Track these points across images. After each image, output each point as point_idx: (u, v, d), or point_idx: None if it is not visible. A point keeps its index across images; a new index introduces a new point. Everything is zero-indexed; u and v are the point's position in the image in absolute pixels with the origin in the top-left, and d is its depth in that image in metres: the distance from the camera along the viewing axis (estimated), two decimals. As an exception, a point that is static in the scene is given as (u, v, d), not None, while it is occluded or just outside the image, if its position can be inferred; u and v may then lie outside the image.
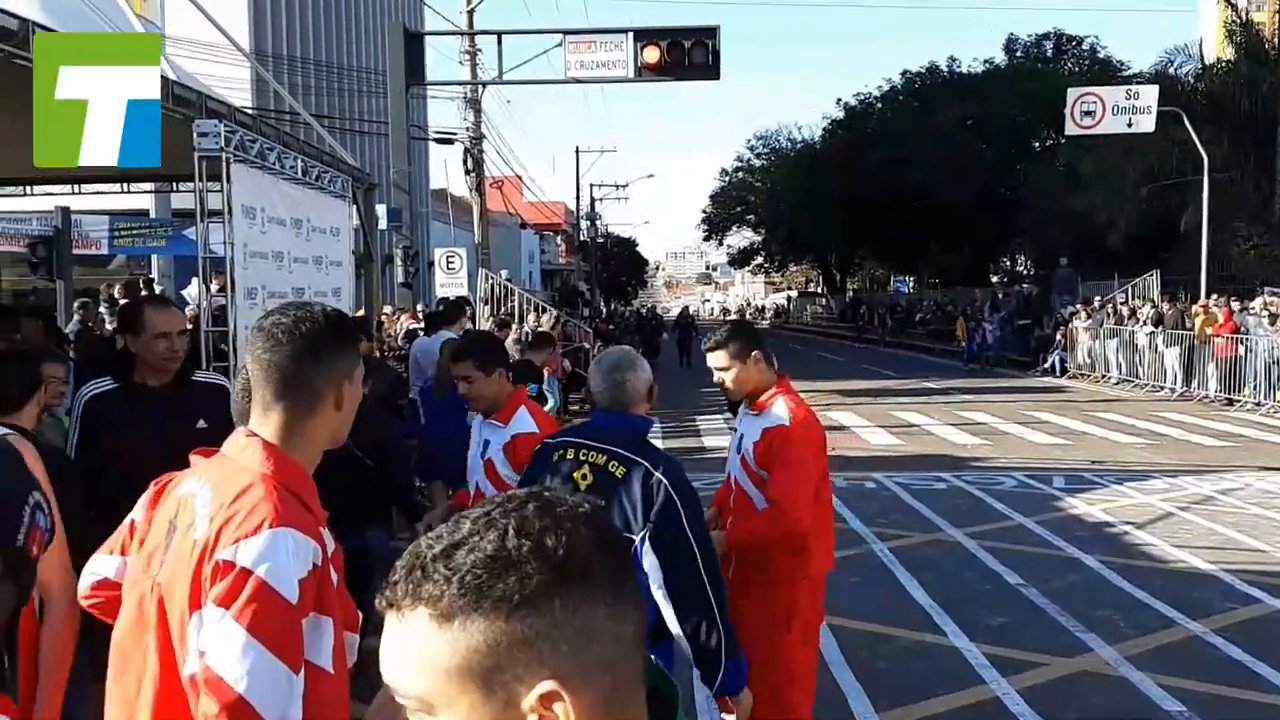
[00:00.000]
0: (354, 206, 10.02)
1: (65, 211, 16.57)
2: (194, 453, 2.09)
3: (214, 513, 1.81)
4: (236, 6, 21.56)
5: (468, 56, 22.83)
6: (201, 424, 3.57)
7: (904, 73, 50.73)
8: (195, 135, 6.60)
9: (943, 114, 43.81)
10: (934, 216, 44.46)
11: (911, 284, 57.23)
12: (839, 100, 55.34)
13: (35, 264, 17.24)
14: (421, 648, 0.89)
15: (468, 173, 24.55)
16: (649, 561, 2.98)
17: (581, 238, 58.13)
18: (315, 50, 29.43)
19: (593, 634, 0.90)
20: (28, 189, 11.99)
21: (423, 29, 25.82)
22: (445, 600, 0.88)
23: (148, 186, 13.93)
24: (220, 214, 6.90)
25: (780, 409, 3.91)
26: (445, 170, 38.78)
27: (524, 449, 3.79)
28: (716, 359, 4.00)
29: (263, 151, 7.50)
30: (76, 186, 11.79)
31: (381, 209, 12.52)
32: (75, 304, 14.20)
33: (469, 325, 10.67)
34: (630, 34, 16.81)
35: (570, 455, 3.18)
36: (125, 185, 12.30)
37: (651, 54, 16.71)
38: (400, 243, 16.08)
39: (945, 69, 49.17)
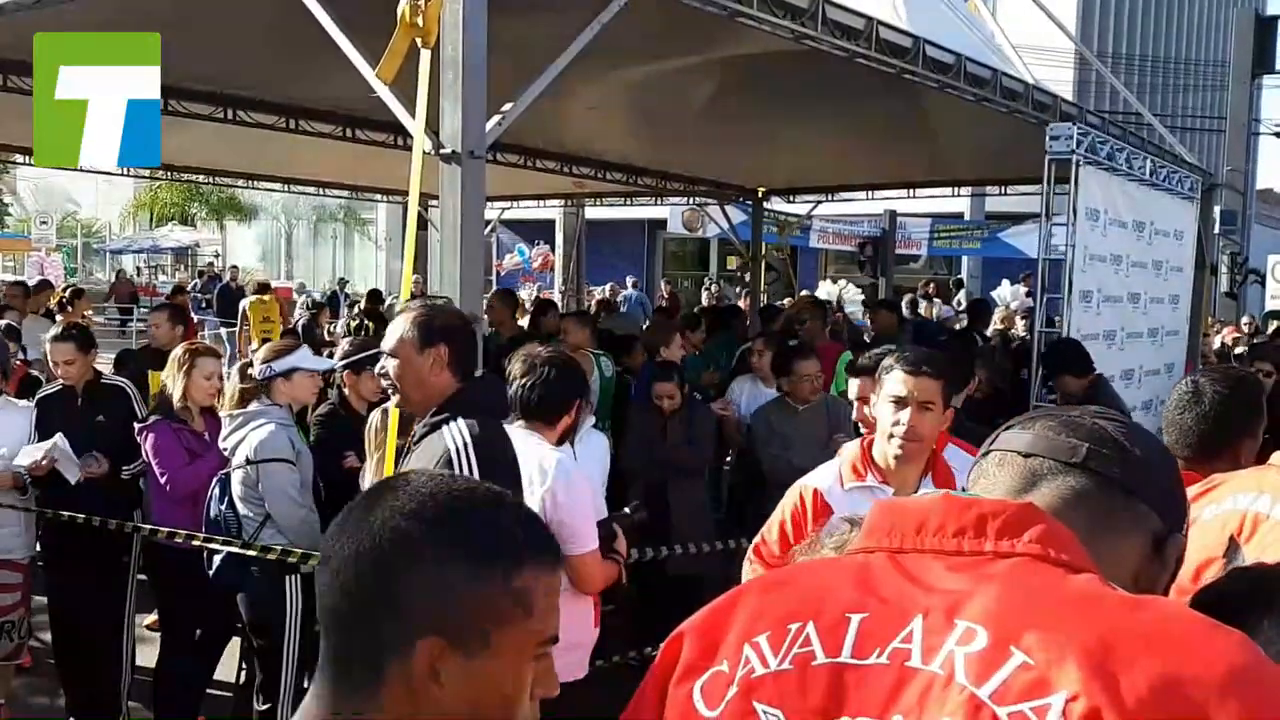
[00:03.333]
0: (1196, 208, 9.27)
1: (893, 215, 18.07)
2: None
3: None
4: (1066, 8, 21.44)
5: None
6: None
7: None
8: (1048, 139, 6.59)
9: None
10: None
11: None
12: None
13: (862, 262, 19.10)
14: None
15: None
16: None
17: None
18: (1143, 45, 28.06)
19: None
20: (869, 194, 13.21)
21: (1270, 11, 23.06)
22: None
23: (966, 191, 14.49)
24: (1061, 216, 6.84)
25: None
26: None
27: None
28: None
29: (1112, 153, 7.27)
30: (911, 191, 12.68)
31: (1215, 211, 11.41)
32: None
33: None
34: None
35: None
36: (955, 189, 12.91)
37: None
38: (1228, 248, 14.58)
39: None
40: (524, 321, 9.31)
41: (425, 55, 3.45)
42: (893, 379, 2.83)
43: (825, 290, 16.79)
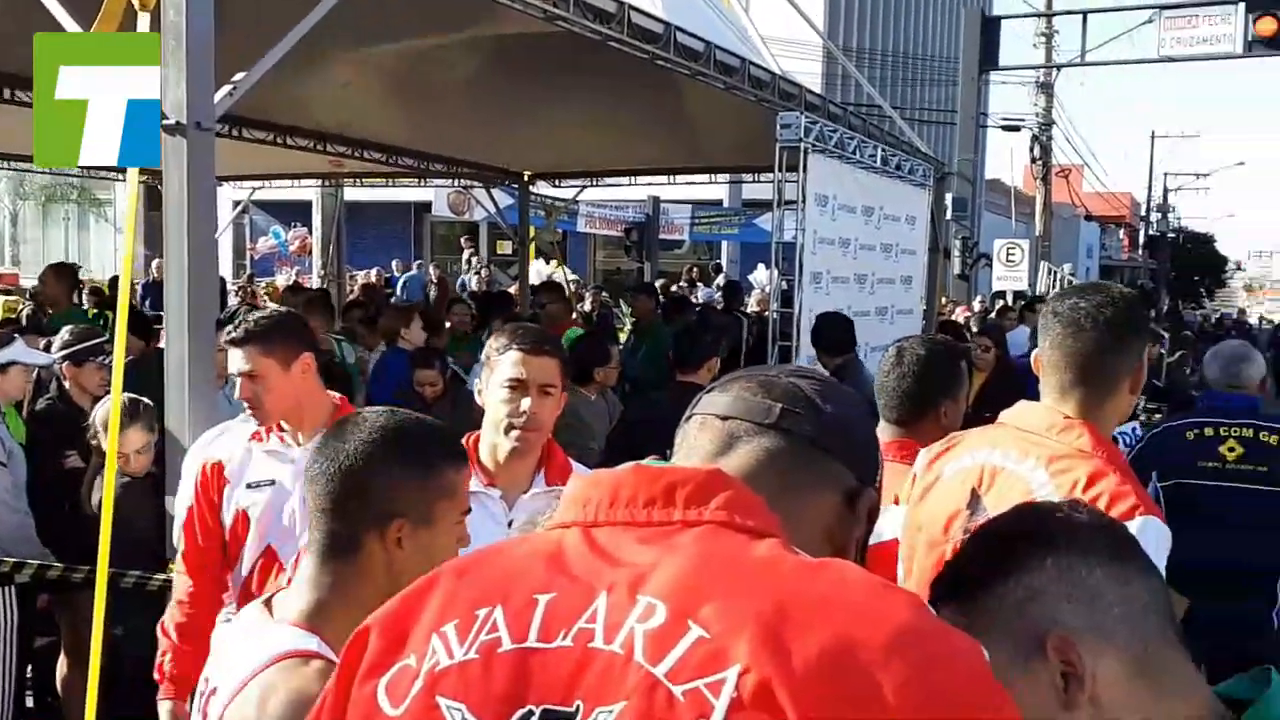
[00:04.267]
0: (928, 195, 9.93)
1: (656, 201, 18.43)
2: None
3: (1065, 495, 1.82)
4: (814, 5, 22.51)
5: (1042, 39, 21.74)
6: None
7: None
8: (778, 127, 6.86)
9: None
10: None
11: None
12: None
13: (628, 247, 19.40)
14: None
15: (1033, 160, 23.47)
16: None
17: (1150, 232, 52.94)
18: (884, 42, 29.83)
19: (1095, 593, 1.01)
20: (633, 180, 13.40)
21: (995, 12, 25.03)
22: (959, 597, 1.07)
23: (724, 177, 14.96)
24: (795, 202, 7.15)
25: None
26: (1011, 159, 37.35)
27: None
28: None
29: (842, 141, 7.65)
30: (672, 177, 12.95)
31: (948, 199, 12.29)
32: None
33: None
34: (1241, 5, 14.90)
35: (1209, 432, 3.59)
36: (713, 176, 13.29)
37: (1267, 25, 14.67)
38: (959, 233, 15.73)
39: None
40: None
41: (144, 19, 3.21)
42: (508, 361, 2.41)
43: (539, 271, 16.77)
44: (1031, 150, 22.80)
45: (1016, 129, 23.56)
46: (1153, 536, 1.78)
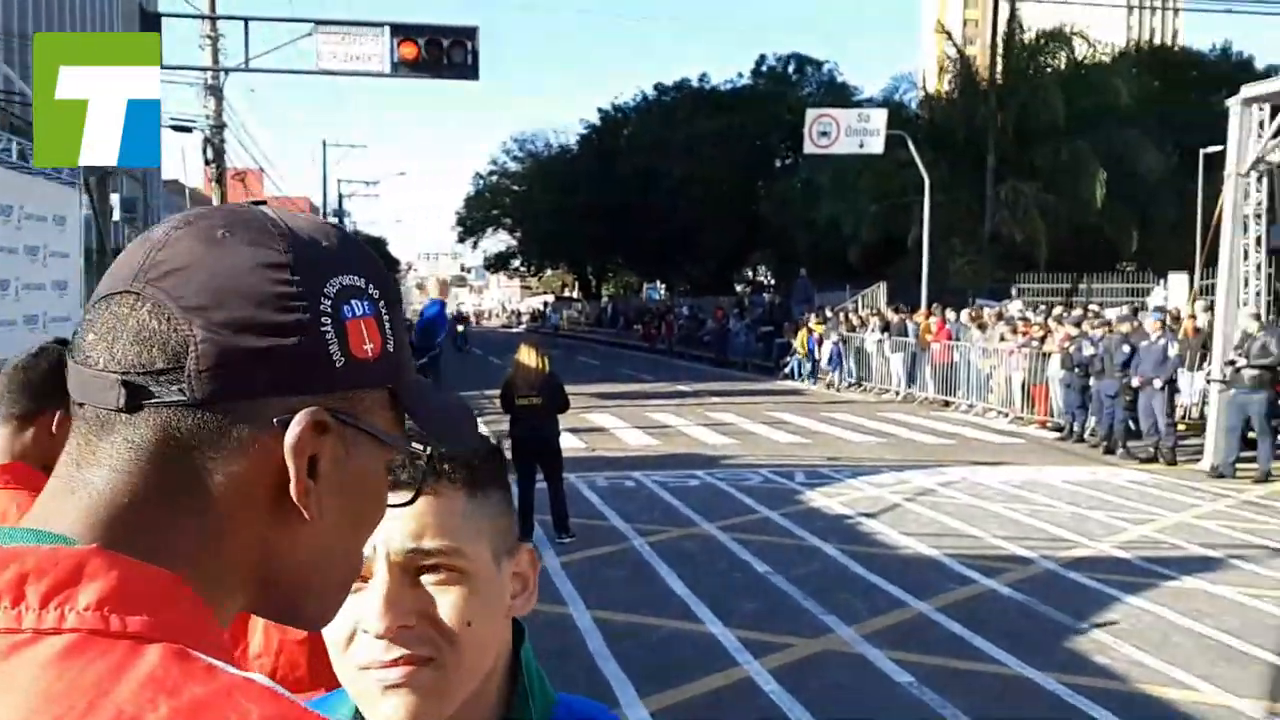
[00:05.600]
0: (84, 195, 9.29)
1: None
2: None
3: None
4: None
5: (209, 41, 21.65)
6: None
7: (657, 85, 52.01)
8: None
9: (692, 128, 45.25)
10: (682, 227, 45.90)
11: (663, 291, 58.90)
12: (600, 110, 56.11)
13: None
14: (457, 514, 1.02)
15: (207, 163, 23.26)
16: None
17: (330, 236, 56.02)
18: (36, 26, 27.03)
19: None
20: None
21: (158, 9, 24.25)
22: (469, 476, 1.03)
23: None
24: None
25: None
26: (183, 160, 36.42)
27: None
28: None
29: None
30: None
31: (115, 199, 11.65)
32: None
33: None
34: (386, 29, 16.47)
35: None
36: None
37: (409, 50, 16.42)
38: (134, 235, 15.05)
39: (696, 83, 50.79)
40: None
41: None
42: None
43: None
44: (205, 152, 22.56)
45: (188, 130, 23.12)
46: None
